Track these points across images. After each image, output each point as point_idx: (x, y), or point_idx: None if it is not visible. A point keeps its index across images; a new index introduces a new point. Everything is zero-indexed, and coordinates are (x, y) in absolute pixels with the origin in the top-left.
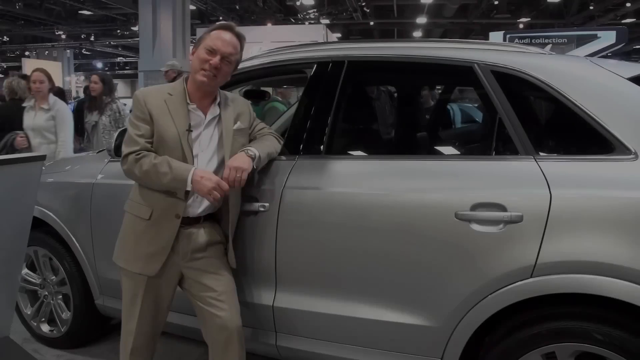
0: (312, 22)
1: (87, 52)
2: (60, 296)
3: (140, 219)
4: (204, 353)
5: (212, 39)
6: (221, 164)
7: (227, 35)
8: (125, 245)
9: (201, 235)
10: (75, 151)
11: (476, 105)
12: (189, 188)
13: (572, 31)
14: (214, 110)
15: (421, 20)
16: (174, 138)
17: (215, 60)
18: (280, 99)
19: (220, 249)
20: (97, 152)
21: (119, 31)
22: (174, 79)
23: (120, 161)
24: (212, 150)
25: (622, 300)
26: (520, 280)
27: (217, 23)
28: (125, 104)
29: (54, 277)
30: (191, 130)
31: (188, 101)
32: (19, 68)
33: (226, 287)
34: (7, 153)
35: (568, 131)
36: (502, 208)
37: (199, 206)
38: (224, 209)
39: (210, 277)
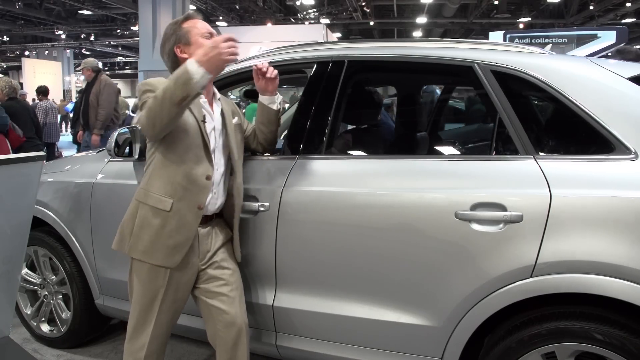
0: (312, 22)
1: (87, 52)
2: (60, 296)
3: (160, 210)
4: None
5: (200, 27)
6: (228, 161)
7: (202, 20)
8: (141, 236)
9: (216, 233)
10: None
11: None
12: (198, 75)
13: (572, 31)
14: (218, 105)
15: (421, 20)
16: (194, 126)
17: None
18: None
19: (230, 245)
20: (97, 152)
21: (119, 31)
22: (95, 78)
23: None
24: (222, 146)
25: (622, 300)
26: (520, 280)
27: (183, 16)
28: None
29: (53, 276)
30: (205, 122)
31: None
32: (19, 68)
33: (238, 284)
34: None
35: (568, 131)
36: (502, 208)
37: (215, 204)
38: (228, 203)
39: (225, 272)
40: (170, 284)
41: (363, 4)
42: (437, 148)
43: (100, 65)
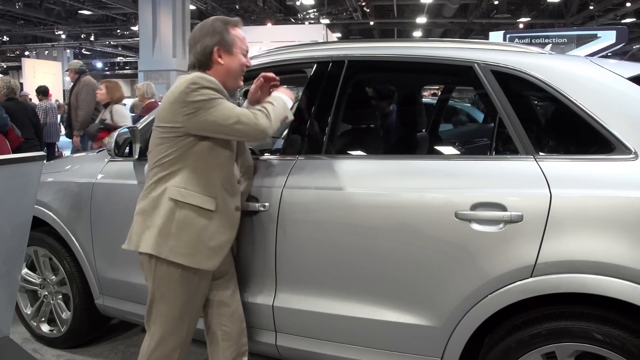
0: (312, 22)
1: (87, 52)
2: (60, 296)
3: (205, 210)
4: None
5: (243, 41)
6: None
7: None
8: (181, 238)
9: None
10: None
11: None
12: (291, 104)
13: (572, 31)
14: None
15: (421, 20)
16: None
17: (250, 61)
18: None
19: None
20: (97, 152)
21: (119, 31)
22: (78, 80)
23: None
24: None
25: (622, 299)
26: (520, 280)
27: (234, 20)
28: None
29: (53, 276)
30: None
31: None
32: (19, 68)
33: (235, 277)
34: None
35: (568, 131)
36: (502, 208)
37: None
38: None
39: (229, 269)
40: (201, 286)
41: (363, 4)
42: (437, 148)
43: (100, 65)
